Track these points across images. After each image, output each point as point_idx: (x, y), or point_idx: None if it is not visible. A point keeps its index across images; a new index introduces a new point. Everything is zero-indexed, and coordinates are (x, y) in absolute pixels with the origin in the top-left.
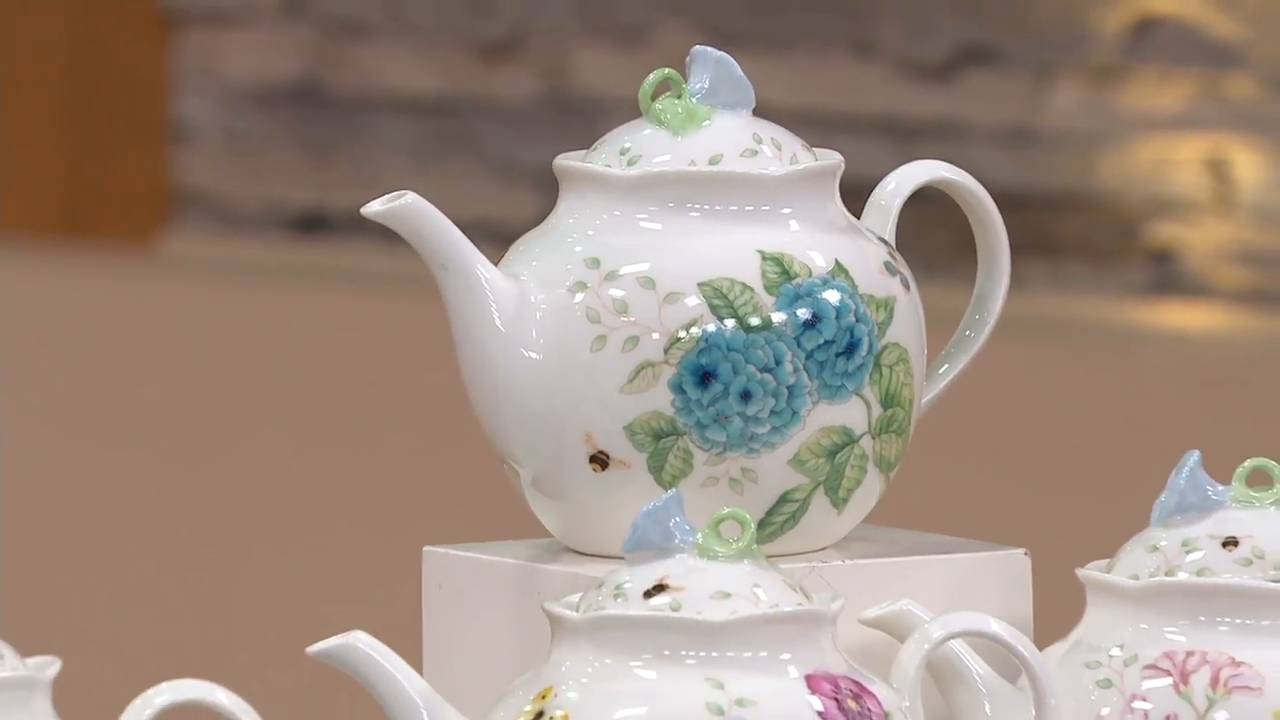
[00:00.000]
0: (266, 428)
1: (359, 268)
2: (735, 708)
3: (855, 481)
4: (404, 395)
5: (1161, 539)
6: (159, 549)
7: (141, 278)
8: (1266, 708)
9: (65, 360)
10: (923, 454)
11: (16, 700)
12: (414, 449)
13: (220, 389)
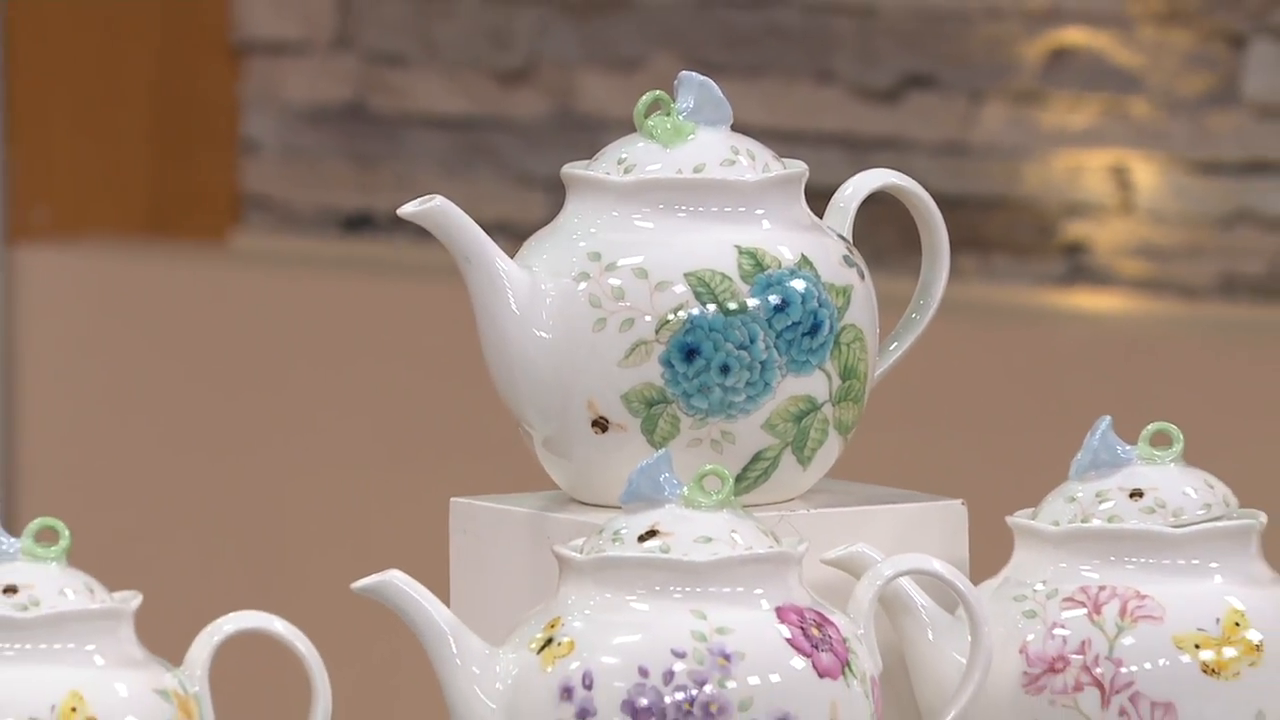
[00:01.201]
0: (319, 395)
1: (397, 260)
2: (716, 635)
3: (818, 442)
4: (434, 368)
5: (1078, 491)
6: (227, 501)
7: (215, 269)
8: (1166, 634)
9: (152, 338)
10: (876, 419)
11: (106, 628)
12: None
13: (281, 361)
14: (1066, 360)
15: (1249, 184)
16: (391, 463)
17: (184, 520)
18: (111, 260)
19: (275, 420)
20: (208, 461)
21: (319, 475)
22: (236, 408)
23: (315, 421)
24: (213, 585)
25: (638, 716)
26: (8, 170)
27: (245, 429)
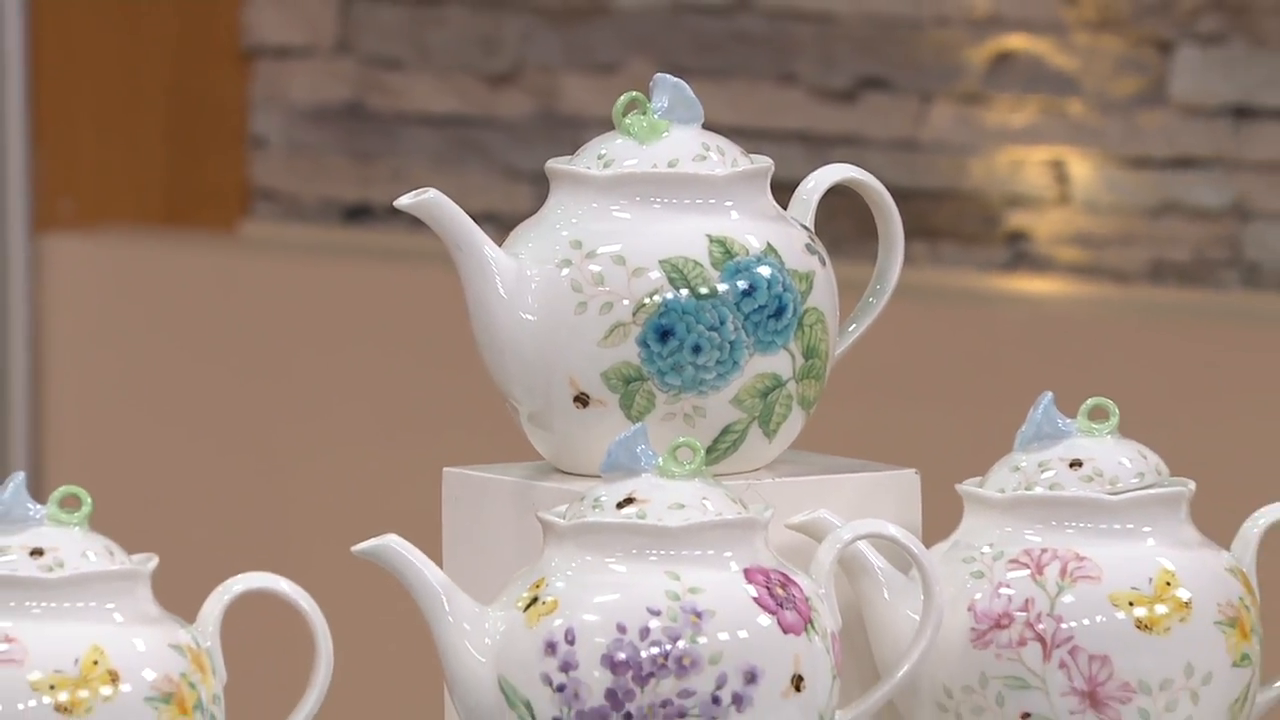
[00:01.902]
0: (322, 373)
1: (393, 248)
2: (688, 594)
3: (782, 417)
4: (428, 348)
5: (1022, 461)
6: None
7: (226, 256)
8: (1103, 592)
9: (167, 320)
10: (835, 395)
11: (124, 588)
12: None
13: (286, 342)
14: (1010, 340)
15: (1175, 178)
16: (388, 435)
17: (197, 488)
18: (130, 248)
19: (281, 396)
20: (220, 434)
21: (322, 447)
22: (246, 385)
23: (318, 397)
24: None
25: (616, 670)
26: (34, 164)
27: (254, 404)
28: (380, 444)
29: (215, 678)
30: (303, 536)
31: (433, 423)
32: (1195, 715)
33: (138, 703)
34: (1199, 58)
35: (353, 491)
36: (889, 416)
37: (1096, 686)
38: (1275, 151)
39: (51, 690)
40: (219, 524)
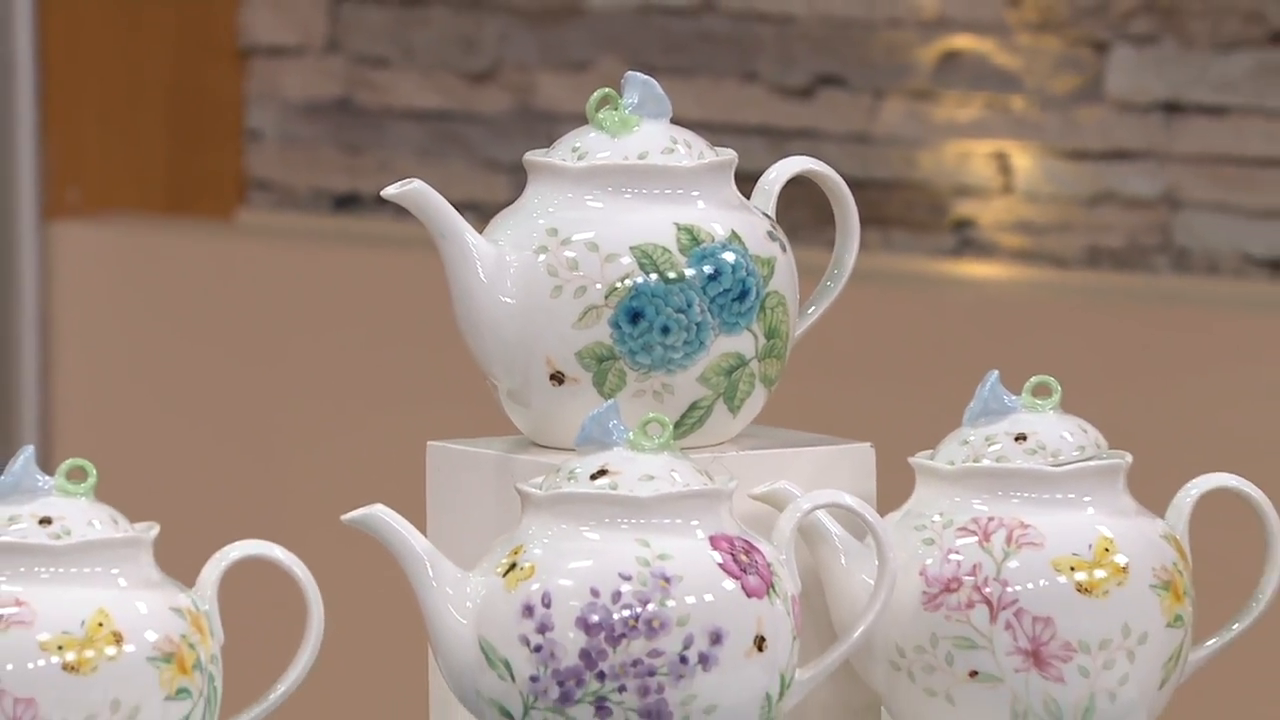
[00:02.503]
0: (313, 351)
1: (380, 235)
2: (657, 560)
3: (746, 393)
4: (413, 329)
5: (970, 435)
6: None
7: (223, 242)
8: (1046, 558)
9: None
10: (795, 373)
11: (128, 555)
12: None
13: (280, 322)
14: (957, 322)
15: (1110, 169)
16: (375, 410)
17: (197, 460)
18: (133, 234)
19: (275, 374)
20: (218, 410)
21: (313, 421)
22: (242, 363)
23: (310, 375)
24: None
25: (590, 631)
26: (43, 155)
27: (250, 382)
28: (368, 419)
29: (213, 639)
30: (295, 506)
31: (417, 399)
32: (1131, 673)
33: (140, 662)
34: (1132, 57)
35: (342, 464)
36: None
37: (1040, 646)
38: (1203, 145)
39: (59, 650)
40: (217, 494)
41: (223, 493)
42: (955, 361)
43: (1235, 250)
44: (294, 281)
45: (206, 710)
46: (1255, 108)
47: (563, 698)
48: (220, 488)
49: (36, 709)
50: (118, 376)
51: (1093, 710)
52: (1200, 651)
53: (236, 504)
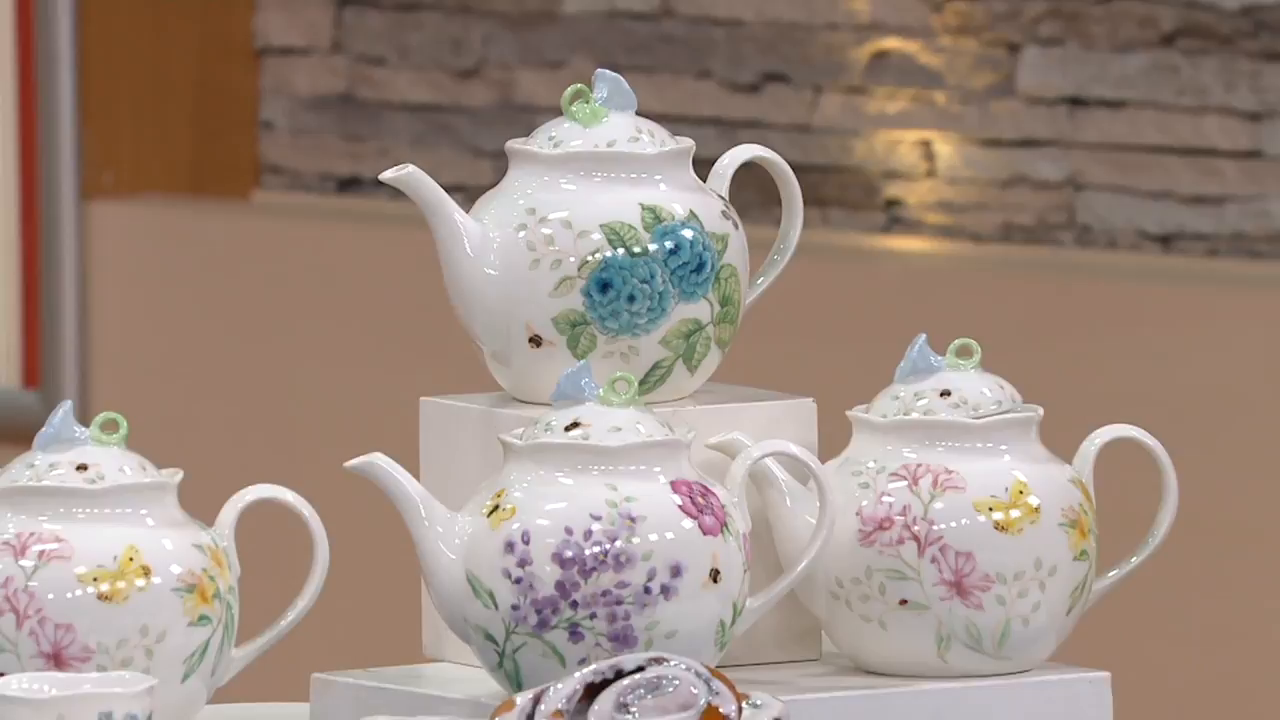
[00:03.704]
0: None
1: (379, 214)
2: (624, 503)
3: (702, 355)
4: (408, 297)
5: (901, 391)
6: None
7: (241, 220)
8: (968, 500)
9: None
10: (747, 336)
11: (155, 497)
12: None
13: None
14: (888, 290)
15: (1021, 156)
16: (374, 369)
17: (217, 413)
18: (162, 213)
19: (287, 336)
20: (236, 368)
21: (320, 379)
22: (257, 327)
23: (317, 337)
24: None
25: (564, 565)
26: (82, 144)
27: (264, 344)
28: (368, 377)
29: (230, 572)
30: (304, 454)
31: (411, 359)
32: (1043, 602)
33: (166, 592)
34: (1040, 57)
35: (345, 416)
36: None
37: (962, 578)
38: (1103, 134)
39: (95, 582)
40: (235, 443)
41: (240, 442)
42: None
43: (1131, 227)
44: (303, 255)
45: (225, 635)
46: (1149, 102)
47: (540, 624)
48: (237, 438)
49: (75, 633)
50: (148, 338)
51: (1008, 634)
52: (1103, 582)
53: (252, 452)
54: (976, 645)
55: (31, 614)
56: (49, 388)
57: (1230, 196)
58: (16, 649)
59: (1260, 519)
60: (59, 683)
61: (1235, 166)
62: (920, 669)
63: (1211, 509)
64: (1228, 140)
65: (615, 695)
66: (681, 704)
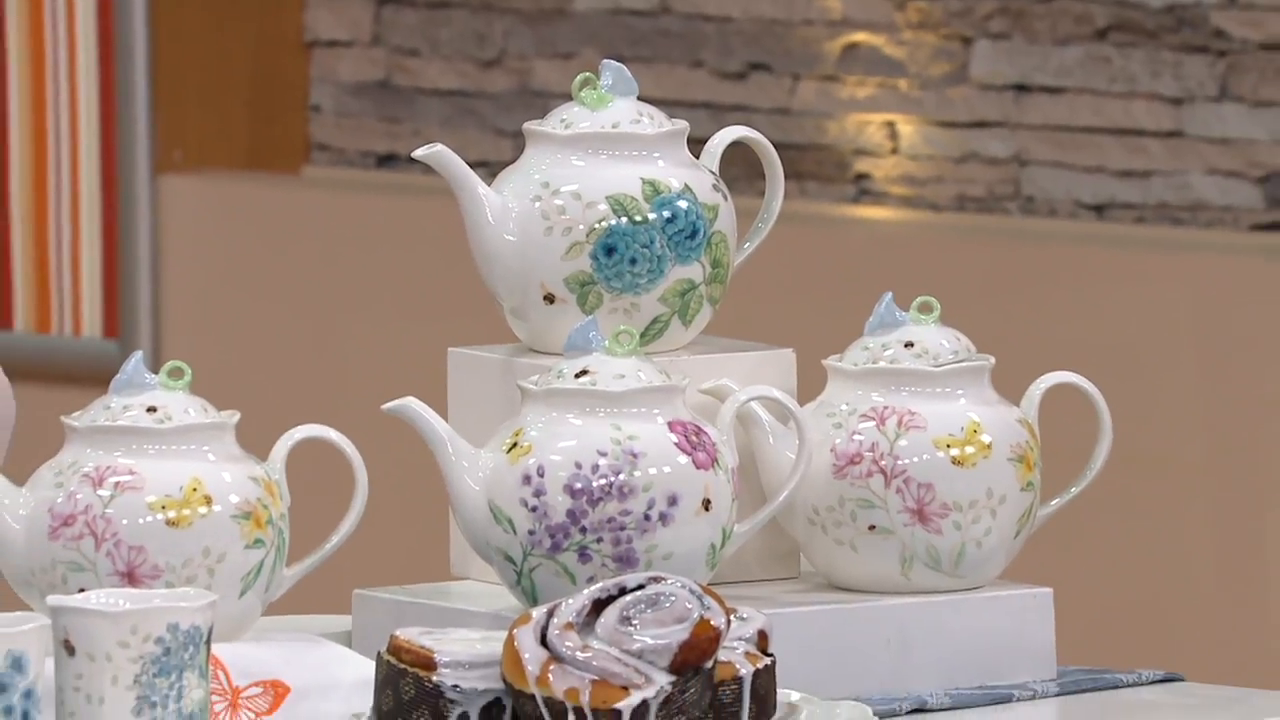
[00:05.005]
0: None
1: (413, 186)
2: (627, 440)
3: (696, 311)
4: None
5: (870, 343)
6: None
7: (292, 192)
8: (928, 438)
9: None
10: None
11: (215, 436)
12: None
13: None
14: (858, 254)
15: (974, 135)
16: (408, 323)
17: (271, 360)
18: (223, 186)
19: (333, 294)
20: (288, 322)
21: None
22: (307, 286)
23: (358, 295)
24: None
25: (574, 495)
26: (154, 125)
27: (313, 300)
28: (402, 330)
29: (282, 501)
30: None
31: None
32: (994, 527)
33: (225, 519)
34: (991, 49)
35: (382, 364)
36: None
37: (923, 506)
38: (1045, 117)
39: (163, 509)
40: (287, 387)
41: (290, 387)
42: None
43: (1069, 198)
44: (346, 222)
45: (277, 556)
46: (1085, 88)
47: (553, 547)
48: (289, 382)
49: (146, 554)
50: (211, 295)
51: (964, 555)
52: (1046, 509)
53: (300, 396)
54: (936, 565)
55: (108, 537)
56: (126, 338)
57: (1155, 171)
58: (95, 568)
59: (1181, 453)
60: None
61: (1160, 145)
62: (886, 586)
63: (1140, 445)
64: (1153, 122)
65: (619, 609)
66: (677, 617)
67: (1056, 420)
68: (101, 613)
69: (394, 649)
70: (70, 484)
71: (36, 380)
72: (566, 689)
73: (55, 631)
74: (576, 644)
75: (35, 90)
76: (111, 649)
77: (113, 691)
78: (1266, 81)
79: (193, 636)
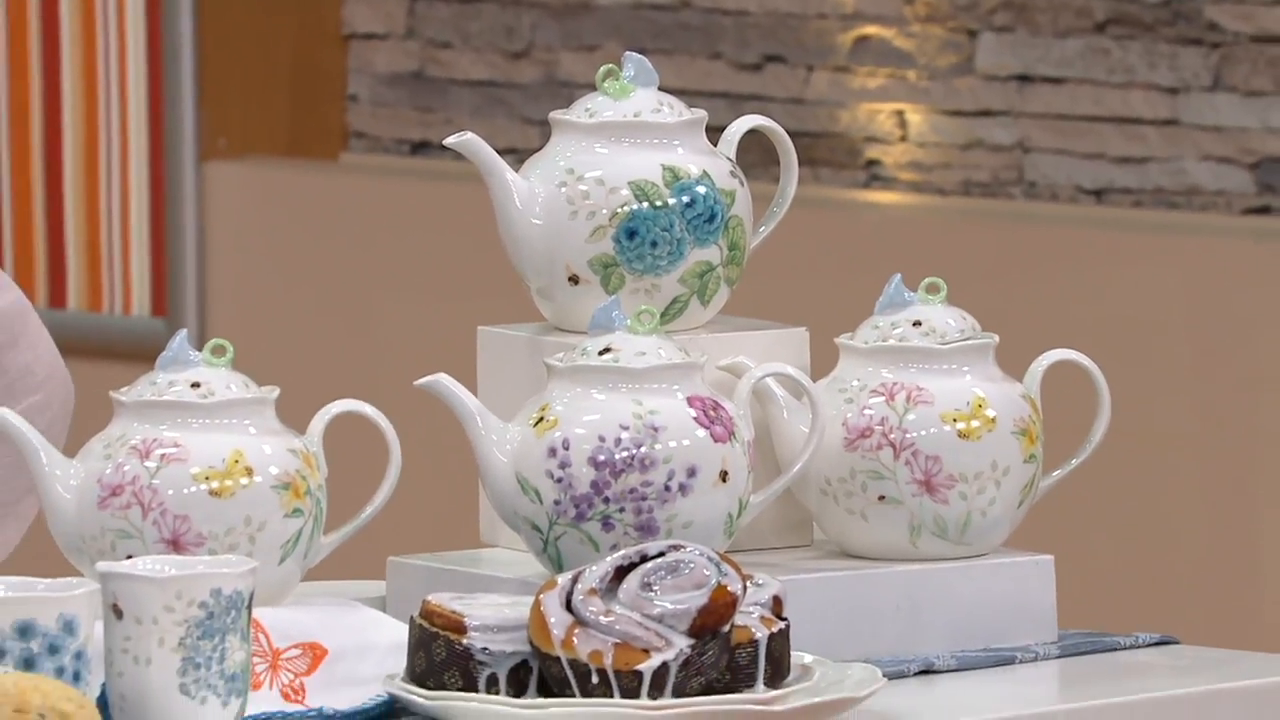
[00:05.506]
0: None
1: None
2: (648, 415)
3: (714, 291)
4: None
5: (880, 321)
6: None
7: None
8: (935, 412)
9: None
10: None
11: (256, 410)
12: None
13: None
14: (869, 237)
15: (979, 123)
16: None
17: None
18: (265, 172)
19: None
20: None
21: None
22: (345, 267)
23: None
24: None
25: (598, 467)
26: (200, 114)
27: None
28: (433, 308)
29: (319, 472)
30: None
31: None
32: (998, 497)
33: (266, 489)
34: (995, 41)
35: (414, 342)
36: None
37: (930, 477)
38: (1047, 106)
39: (206, 480)
40: (324, 364)
41: (328, 363)
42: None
43: (1070, 183)
44: (381, 207)
45: (315, 525)
46: (1085, 78)
47: (578, 517)
48: (326, 359)
49: (190, 523)
50: (254, 276)
51: (969, 524)
52: (1048, 480)
53: (338, 371)
54: (942, 533)
55: (154, 507)
56: (173, 316)
57: (1152, 158)
58: (142, 536)
59: (1176, 426)
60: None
61: (1156, 133)
62: (895, 553)
63: (1137, 419)
64: (1150, 110)
65: (641, 576)
66: (696, 583)
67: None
68: (148, 578)
69: (426, 613)
70: (118, 456)
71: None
72: (590, 651)
73: (104, 596)
74: (600, 609)
75: (87, 83)
76: (158, 613)
77: (159, 653)
78: (1258, 72)
79: (235, 601)
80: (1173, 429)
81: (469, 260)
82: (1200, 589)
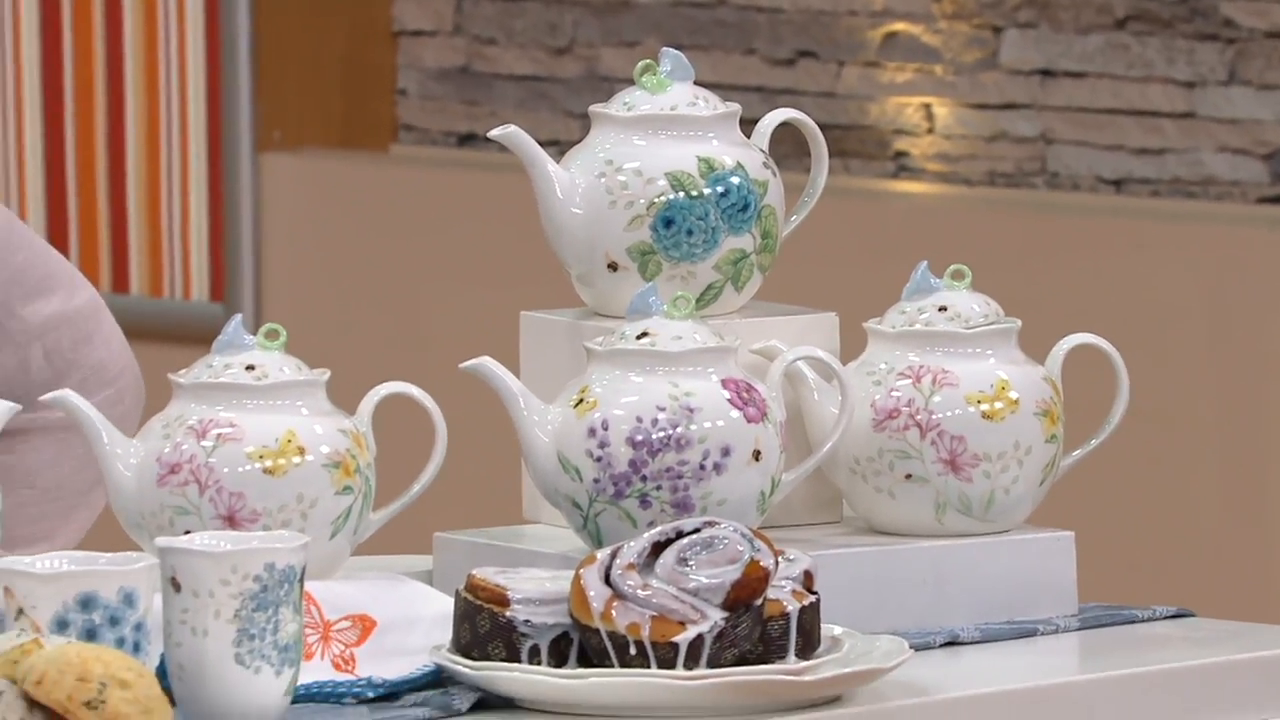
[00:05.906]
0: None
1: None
2: (684, 396)
3: (748, 278)
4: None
5: (907, 307)
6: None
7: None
8: (961, 394)
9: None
10: (783, 263)
11: (309, 392)
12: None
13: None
14: (897, 225)
15: (1003, 116)
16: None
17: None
18: (319, 163)
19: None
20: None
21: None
22: (395, 254)
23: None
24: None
25: (636, 446)
26: (256, 107)
27: (399, 267)
28: (479, 294)
29: (368, 452)
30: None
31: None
32: (1020, 476)
33: (317, 467)
34: (1019, 36)
35: (459, 326)
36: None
37: (955, 456)
38: (1069, 100)
39: (260, 459)
40: (374, 347)
41: (377, 346)
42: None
43: (1091, 174)
44: (430, 196)
45: (364, 502)
46: (1105, 73)
47: (616, 494)
48: (376, 343)
49: (245, 500)
50: (308, 263)
51: (993, 502)
52: (1068, 459)
53: (387, 355)
54: (967, 511)
55: (210, 484)
56: (231, 301)
57: (1170, 149)
58: (199, 512)
59: (1192, 407)
60: (232, 539)
61: (1174, 125)
62: (921, 530)
63: (1155, 401)
64: (1168, 104)
65: (677, 551)
66: (730, 558)
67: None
68: (205, 553)
69: (471, 587)
70: (176, 435)
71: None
72: (628, 624)
73: (163, 570)
74: (638, 583)
75: (149, 77)
76: (214, 586)
77: (215, 625)
78: (1272, 66)
79: (288, 575)
80: (1189, 410)
81: (512, 248)
82: (1215, 563)
